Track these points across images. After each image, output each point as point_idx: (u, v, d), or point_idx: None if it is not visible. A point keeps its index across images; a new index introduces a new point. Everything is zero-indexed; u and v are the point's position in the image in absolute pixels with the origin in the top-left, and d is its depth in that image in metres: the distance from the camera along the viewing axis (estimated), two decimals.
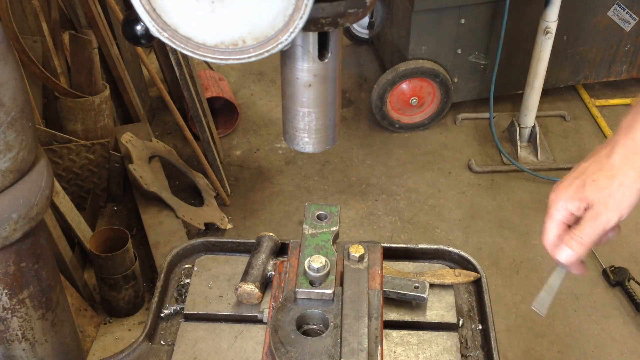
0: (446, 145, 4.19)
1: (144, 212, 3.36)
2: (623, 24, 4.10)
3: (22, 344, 1.34)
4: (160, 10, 0.74)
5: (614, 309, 3.22)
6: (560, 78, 4.33)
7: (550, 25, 3.59)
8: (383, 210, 3.76)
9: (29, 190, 1.20)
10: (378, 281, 1.40)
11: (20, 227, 1.19)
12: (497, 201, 3.82)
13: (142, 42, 0.94)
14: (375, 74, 4.68)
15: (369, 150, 4.14)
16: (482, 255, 3.46)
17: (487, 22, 3.95)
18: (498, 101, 4.21)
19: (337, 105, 1.03)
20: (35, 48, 3.22)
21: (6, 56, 1.08)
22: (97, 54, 3.36)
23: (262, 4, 0.73)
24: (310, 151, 1.05)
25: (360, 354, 1.19)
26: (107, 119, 3.47)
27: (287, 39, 0.76)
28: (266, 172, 4.00)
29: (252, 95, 4.63)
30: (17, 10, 3.19)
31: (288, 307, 1.28)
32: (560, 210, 1.20)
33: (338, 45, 0.95)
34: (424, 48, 3.97)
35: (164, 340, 1.48)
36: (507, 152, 4.06)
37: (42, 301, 1.33)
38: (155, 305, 1.51)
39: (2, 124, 1.09)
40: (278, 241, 1.58)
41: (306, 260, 1.32)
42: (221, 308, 1.50)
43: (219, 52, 0.77)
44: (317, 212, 1.44)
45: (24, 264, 1.26)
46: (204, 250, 1.68)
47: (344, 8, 0.83)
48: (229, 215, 3.65)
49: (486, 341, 1.47)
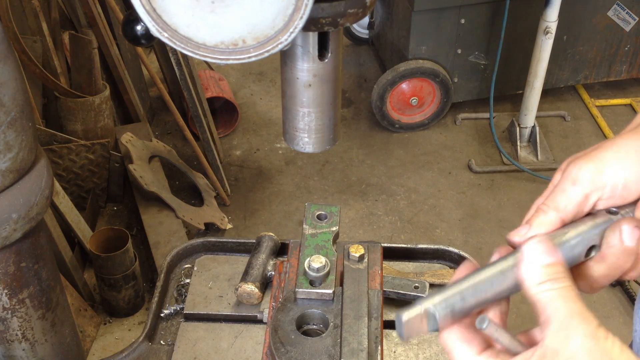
0: (446, 145, 4.19)
1: (144, 212, 3.35)
2: (623, 24, 4.10)
3: (22, 344, 1.34)
4: (160, 10, 0.74)
5: (614, 309, 3.22)
6: (560, 78, 4.33)
7: (550, 25, 3.59)
8: (383, 210, 3.75)
9: (29, 190, 1.20)
10: (378, 281, 1.40)
11: (20, 227, 1.19)
12: (497, 201, 3.82)
13: (142, 42, 0.94)
14: (375, 74, 4.68)
15: (369, 150, 4.14)
16: (482, 255, 3.46)
17: (487, 22, 3.95)
18: (498, 101, 4.21)
19: (337, 105, 1.03)
20: (35, 48, 3.22)
21: (6, 56, 1.08)
22: (97, 54, 3.36)
23: (262, 4, 0.73)
24: (310, 151, 1.05)
25: (360, 354, 1.19)
26: (107, 119, 3.47)
27: (287, 39, 0.76)
28: (266, 172, 3.99)
29: (252, 95, 4.63)
30: (17, 10, 3.19)
31: (288, 307, 1.28)
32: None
33: (338, 45, 0.95)
34: (424, 48, 3.97)
35: (164, 340, 1.48)
36: (507, 152, 4.06)
37: (42, 301, 1.33)
38: (155, 305, 1.51)
39: (2, 124, 1.09)
40: (278, 241, 1.58)
41: (306, 260, 1.32)
42: (221, 308, 1.50)
43: (219, 52, 0.77)
44: (317, 212, 1.44)
45: (24, 264, 1.26)
46: (204, 250, 1.67)
47: (344, 8, 0.83)
48: (229, 215, 3.65)
49: None
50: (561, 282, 0.69)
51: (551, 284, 0.69)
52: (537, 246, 0.71)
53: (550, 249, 0.71)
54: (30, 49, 3.11)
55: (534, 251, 0.71)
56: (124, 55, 3.77)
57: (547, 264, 0.70)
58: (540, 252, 0.71)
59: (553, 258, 0.70)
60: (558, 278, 0.69)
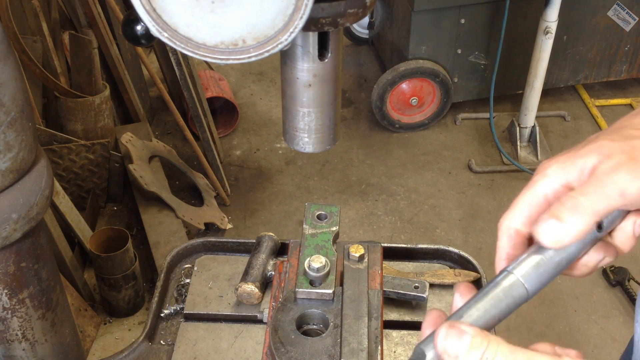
0: (446, 145, 4.19)
1: (144, 212, 3.36)
2: (623, 24, 4.10)
3: (22, 344, 1.34)
4: (160, 10, 0.74)
5: (614, 308, 3.22)
6: (560, 78, 4.33)
7: (550, 25, 3.59)
8: (383, 210, 3.76)
9: (29, 190, 1.20)
10: (378, 281, 1.40)
11: (20, 227, 1.19)
12: (497, 201, 3.82)
13: (142, 42, 0.94)
14: (375, 74, 4.68)
15: (369, 150, 4.14)
16: (482, 255, 3.46)
17: (487, 22, 3.95)
18: (498, 101, 4.21)
19: (337, 105, 1.03)
20: (35, 48, 3.22)
21: (6, 56, 1.08)
22: (97, 54, 3.36)
23: (262, 4, 0.73)
24: (310, 151, 1.05)
25: (360, 354, 1.19)
26: (107, 119, 3.47)
27: (287, 39, 0.76)
28: (266, 172, 3.99)
29: (252, 95, 4.63)
30: (17, 10, 3.19)
31: (288, 307, 1.28)
32: (551, 176, 0.74)
33: (338, 45, 0.95)
34: (424, 48, 3.97)
35: (164, 340, 1.48)
36: (507, 152, 4.06)
37: (42, 301, 1.33)
38: (155, 305, 1.51)
39: (2, 124, 1.09)
40: (278, 241, 1.58)
41: (306, 260, 1.32)
42: (221, 308, 1.50)
43: (219, 52, 0.77)
44: (317, 212, 1.44)
45: (24, 264, 1.26)
46: (204, 250, 1.67)
47: (344, 8, 0.83)
48: (229, 215, 3.65)
49: None
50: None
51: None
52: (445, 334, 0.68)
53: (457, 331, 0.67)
54: (30, 49, 3.11)
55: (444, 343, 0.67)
56: (124, 55, 3.77)
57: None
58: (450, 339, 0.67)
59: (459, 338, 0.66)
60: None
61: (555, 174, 0.74)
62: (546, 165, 0.75)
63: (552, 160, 0.75)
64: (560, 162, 0.74)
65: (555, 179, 0.74)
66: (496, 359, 0.65)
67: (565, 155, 0.75)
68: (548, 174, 0.74)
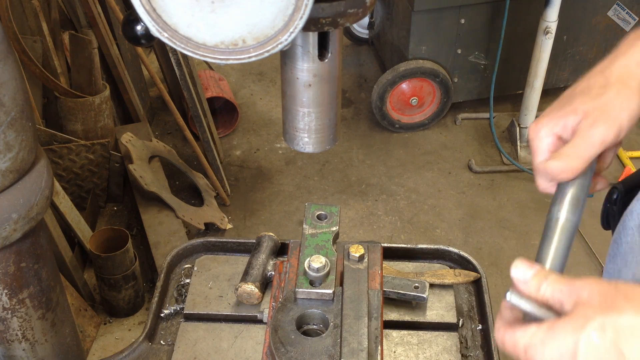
0: (446, 145, 4.19)
1: (144, 212, 3.36)
2: (623, 24, 4.10)
3: (22, 344, 1.34)
4: (160, 10, 0.74)
5: None
6: (560, 78, 4.33)
7: (550, 25, 3.59)
8: (383, 210, 3.76)
9: (29, 190, 1.20)
10: (378, 281, 1.40)
11: (20, 227, 1.19)
12: (497, 201, 3.82)
13: (142, 42, 0.94)
14: (375, 74, 4.68)
15: (369, 150, 4.14)
16: (482, 255, 3.46)
17: (487, 22, 3.95)
18: (498, 101, 4.21)
19: (337, 105, 1.03)
20: (35, 48, 3.22)
21: (6, 56, 1.08)
22: (97, 54, 3.36)
23: (262, 4, 0.73)
24: (310, 151, 1.05)
25: (360, 354, 1.19)
26: (107, 119, 3.47)
27: (287, 39, 0.77)
28: (266, 172, 3.99)
29: (252, 95, 4.63)
30: (17, 10, 3.19)
31: (288, 307, 1.28)
32: (545, 138, 0.99)
33: (338, 45, 0.95)
34: (424, 48, 3.97)
35: (164, 340, 1.48)
36: (507, 152, 4.06)
37: (42, 301, 1.33)
38: (155, 305, 1.51)
39: (2, 124, 1.09)
40: (278, 241, 1.58)
41: (306, 260, 1.32)
42: (221, 308, 1.50)
43: (219, 52, 0.77)
44: (317, 212, 1.44)
45: (24, 264, 1.26)
46: (204, 250, 1.68)
47: (344, 8, 0.83)
48: (229, 215, 3.65)
49: (486, 341, 1.47)
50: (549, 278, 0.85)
51: (546, 285, 0.85)
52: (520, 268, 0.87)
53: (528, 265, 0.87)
54: (30, 49, 3.11)
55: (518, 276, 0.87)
56: (124, 55, 3.77)
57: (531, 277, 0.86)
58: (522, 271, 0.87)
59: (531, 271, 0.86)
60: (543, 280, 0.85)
61: (546, 134, 0.99)
62: (538, 128, 1.00)
63: (539, 124, 1.00)
64: (549, 125, 0.99)
65: (548, 138, 0.99)
66: (548, 280, 0.84)
67: (548, 117, 0.99)
68: (541, 136, 0.99)
